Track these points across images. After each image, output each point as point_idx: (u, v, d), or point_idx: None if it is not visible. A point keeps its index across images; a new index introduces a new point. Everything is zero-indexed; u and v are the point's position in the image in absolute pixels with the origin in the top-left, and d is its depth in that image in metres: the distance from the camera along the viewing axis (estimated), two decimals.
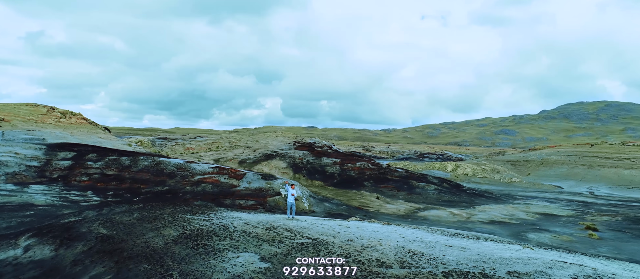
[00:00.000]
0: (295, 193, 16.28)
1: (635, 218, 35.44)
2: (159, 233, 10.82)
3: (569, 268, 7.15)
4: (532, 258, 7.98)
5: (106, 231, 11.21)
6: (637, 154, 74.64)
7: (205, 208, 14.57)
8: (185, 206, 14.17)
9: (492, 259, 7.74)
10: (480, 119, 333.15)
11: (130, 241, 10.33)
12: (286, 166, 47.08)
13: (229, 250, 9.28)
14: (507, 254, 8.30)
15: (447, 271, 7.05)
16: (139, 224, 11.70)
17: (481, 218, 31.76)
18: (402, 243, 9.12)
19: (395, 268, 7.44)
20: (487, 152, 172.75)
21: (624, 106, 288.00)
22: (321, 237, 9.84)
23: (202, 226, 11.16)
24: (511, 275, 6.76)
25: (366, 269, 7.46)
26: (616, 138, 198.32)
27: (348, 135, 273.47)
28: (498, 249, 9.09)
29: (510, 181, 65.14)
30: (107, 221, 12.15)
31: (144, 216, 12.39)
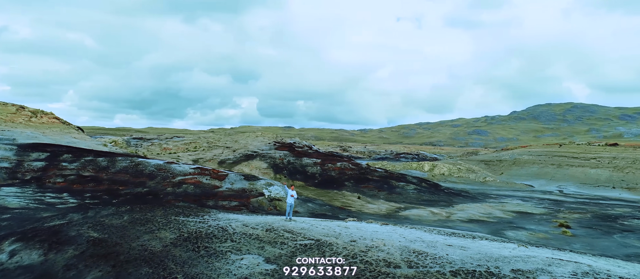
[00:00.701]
0: (295, 195, 16.48)
1: (603, 215, 37.16)
2: (154, 235, 10.64)
3: (566, 265, 7.53)
4: (530, 256, 8.35)
5: (97, 235, 10.93)
6: (602, 154, 78.18)
7: (197, 210, 14.40)
8: (176, 208, 13.96)
9: (494, 258, 8.05)
10: (453, 120, 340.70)
11: (125, 245, 10.11)
12: (267, 166, 46.89)
13: (232, 252, 9.23)
14: (506, 253, 8.65)
15: (454, 270, 7.28)
16: (131, 227, 11.46)
17: (460, 217, 32.56)
18: (405, 243, 9.31)
19: (403, 268, 7.61)
20: (460, 152, 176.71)
21: (588, 107, 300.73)
22: (323, 238, 9.92)
23: (200, 228, 11.04)
24: (515, 273, 7.06)
25: (375, 269, 7.59)
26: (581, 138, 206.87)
27: (325, 135, 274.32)
28: (496, 248, 9.43)
29: (485, 180, 66.98)
30: (96, 224, 11.84)
31: (135, 219, 12.14)
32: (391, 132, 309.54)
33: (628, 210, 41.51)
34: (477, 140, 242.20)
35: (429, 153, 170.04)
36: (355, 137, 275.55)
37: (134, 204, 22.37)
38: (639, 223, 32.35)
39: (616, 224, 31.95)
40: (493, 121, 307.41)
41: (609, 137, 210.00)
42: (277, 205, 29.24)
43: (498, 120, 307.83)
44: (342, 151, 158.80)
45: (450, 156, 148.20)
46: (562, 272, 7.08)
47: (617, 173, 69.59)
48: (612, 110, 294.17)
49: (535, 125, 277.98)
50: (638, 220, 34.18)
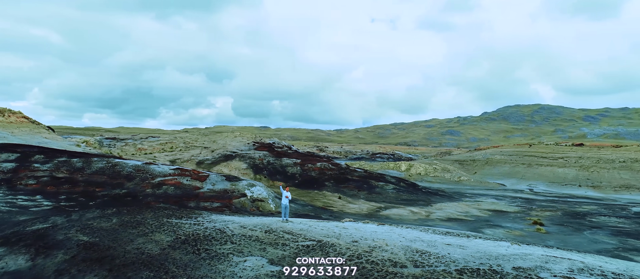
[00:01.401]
0: (290, 196, 16.55)
1: (572, 212, 38.84)
2: (149, 238, 10.45)
3: (562, 262, 7.92)
4: (526, 254, 8.72)
5: (87, 238, 10.63)
6: (569, 154, 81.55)
7: (189, 212, 14.19)
8: (167, 211, 13.71)
9: (494, 256, 8.37)
10: (427, 120, 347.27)
11: (119, 248, 9.89)
12: (247, 167, 46.54)
13: (234, 254, 9.18)
14: (503, 251, 8.99)
15: (459, 269, 7.52)
16: (123, 230, 11.21)
17: (439, 215, 33.32)
18: (405, 242, 9.53)
19: (409, 268, 7.80)
20: (434, 152, 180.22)
21: (555, 109, 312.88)
22: (325, 239, 10.01)
23: (196, 230, 10.92)
24: (517, 270, 7.38)
25: (382, 269, 7.74)
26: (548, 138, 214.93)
27: (301, 135, 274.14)
28: (492, 246, 9.79)
29: (460, 179, 68.67)
30: (85, 228, 11.51)
31: (125, 222, 11.87)
32: (367, 132, 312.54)
33: (594, 208, 43.51)
34: (450, 140, 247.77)
35: (404, 153, 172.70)
36: (331, 137, 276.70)
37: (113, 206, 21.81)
38: (606, 220, 33.99)
39: (585, 221, 33.46)
40: (465, 122, 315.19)
41: (574, 137, 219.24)
42: (260, 206, 29.11)
43: (470, 121, 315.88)
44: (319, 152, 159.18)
45: (425, 156, 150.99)
46: (560, 269, 7.46)
47: (583, 172, 72.77)
48: (576, 111, 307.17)
49: (505, 125, 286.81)
50: (604, 217, 35.91)
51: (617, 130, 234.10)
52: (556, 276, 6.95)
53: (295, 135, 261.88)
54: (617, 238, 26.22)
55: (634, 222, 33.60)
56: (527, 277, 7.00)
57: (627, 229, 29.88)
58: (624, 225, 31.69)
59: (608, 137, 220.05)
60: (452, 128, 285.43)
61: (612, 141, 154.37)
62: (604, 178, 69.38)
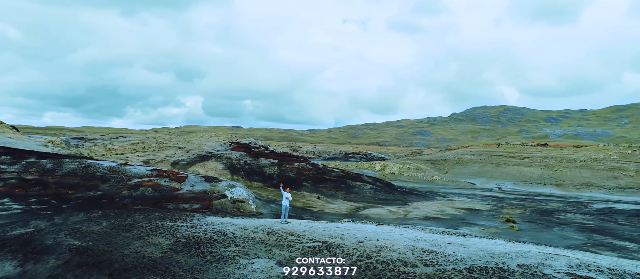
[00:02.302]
0: (290, 197, 16.61)
1: (540, 210, 40.63)
2: (146, 242, 10.23)
3: (560, 258, 8.40)
4: (525, 252, 9.17)
5: (79, 243, 10.29)
6: (534, 153, 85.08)
7: (181, 214, 13.94)
8: (157, 213, 13.43)
9: (497, 254, 8.74)
10: (398, 120, 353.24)
11: (116, 252, 9.63)
12: (223, 167, 45.99)
13: (240, 257, 9.13)
14: (502, 249, 9.41)
15: (468, 268, 7.82)
16: (116, 233, 10.91)
17: (417, 214, 34.09)
18: (409, 242, 9.77)
19: (420, 267, 8.03)
20: (406, 152, 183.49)
21: (519, 110, 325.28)
22: (330, 240, 10.11)
23: (196, 233, 10.77)
24: (522, 268, 7.76)
25: (394, 269, 7.93)
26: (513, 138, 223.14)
27: (274, 135, 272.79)
28: (491, 245, 10.22)
29: (433, 179, 70.34)
30: (74, 232, 11.13)
31: (116, 225, 11.55)
32: (339, 132, 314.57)
33: (560, 205, 45.64)
34: (421, 140, 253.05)
35: (377, 153, 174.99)
36: (304, 137, 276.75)
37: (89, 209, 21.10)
38: (572, 217, 35.77)
39: (553, 218, 35.09)
40: (435, 122, 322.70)
41: (537, 137, 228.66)
42: (240, 207, 28.88)
43: (440, 121, 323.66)
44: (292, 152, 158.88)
45: (397, 156, 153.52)
46: (560, 265, 7.92)
47: (548, 171, 76.12)
48: (539, 112, 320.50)
49: (473, 126, 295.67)
50: (570, 214, 37.77)
51: (576, 131, 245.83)
52: (559, 273, 7.41)
53: (268, 135, 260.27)
54: (584, 234, 27.68)
55: (597, 219, 35.53)
56: (533, 274, 7.42)
57: (592, 225, 31.58)
58: (589, 222, 33.46)
59: (568, 137, 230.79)
60: (422, 129, 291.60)
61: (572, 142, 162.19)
62: (566, 176, 72.84)
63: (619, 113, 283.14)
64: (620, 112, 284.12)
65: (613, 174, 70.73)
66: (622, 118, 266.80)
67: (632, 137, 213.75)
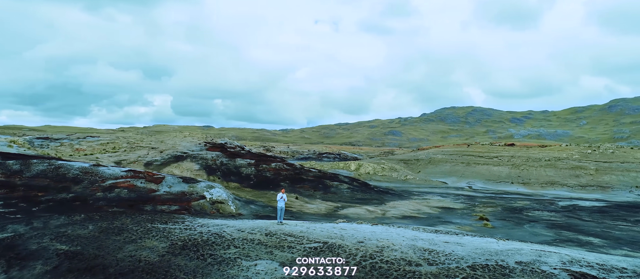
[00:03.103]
0: (286, 199, 16.71)
1: (510, 208, 42.22)
2: (140, 245, 9.98)
3: (553, 255, 8.85)
4: (519, 249, 9.59)
5: (67, 247, 9.92)
6: (502, 153, 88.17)
7: (168, 216, 13.65)
8: (144, 216, 13.09)
9: (494, 252, 9.10)
10: (370, 120, 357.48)
11: (108, 256, 9.34)
12: (199, 168, 45.23)
13: (241, 259, 9.06)
14: (497, 247, 9.79)
15: (470, 265, 8.11)
16: (105, 237, 10.58)
17: (394, 213, 34.70)
18: (409, 241, 10.00)
19: (424, 266, 8.24)
20: (378, 152, 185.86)
21: (486, 111, 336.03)
22: (330, 240, 10.19)
23: (191, 235, 10.59)
24: (520, 265, 8.12)
25: (399, 268, 8.10)
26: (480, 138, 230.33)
27: (246, 135, 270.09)
28: (485, 243, 10.60)
29: (406, 178, 71.68)
30: (59, 236, 10.71)
31: (104, 228, 11.20)
32: (312, 132, 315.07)
33: (528, 203, 47.56)
34: (393, 140, 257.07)
35: (350, 153, 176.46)
36: (277, 137, 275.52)
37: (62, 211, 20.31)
38: (540, 214, 37.38)
39: (523, 215, 36.56)
40: (406, 122, 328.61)
41: (503, 137, 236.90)
42: (219, 208, 28.55)
43: (410, 122, 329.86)
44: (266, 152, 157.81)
45: (369, 156, 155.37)
46: (554, 261, 8.37)
47: (515, 170, 79.08)
48: (504, 113, 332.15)
49: (442, 126, 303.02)
50: (538, 212, 39.46)
51: (539, 131, 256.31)
52: (556, 269, 7.83)
53: (240, 135, 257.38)
54: (553, 230, 29.02)
55: (563, 215, 37.29)
56: (533, 271, 7.81)
57: (559, 222, 33.12)
58: (556, 218, 35.08)
59: (531, 138, 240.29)
60: (394, 129, 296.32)
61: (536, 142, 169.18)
62: (532, 175, 75.92)
63: (577, 114, 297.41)
64: (578, 113, 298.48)
65: (575, 173, 74.29)
66: (581, 119, 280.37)
67: (589, 137, 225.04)
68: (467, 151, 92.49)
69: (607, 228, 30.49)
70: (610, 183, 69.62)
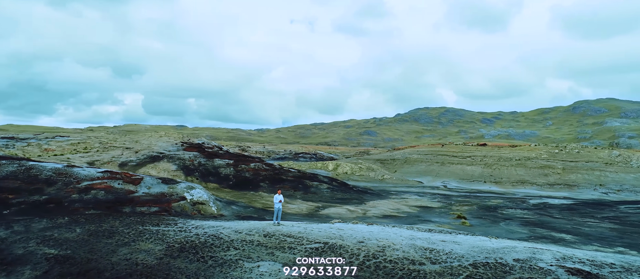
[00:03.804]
0: (283, 200, 16.78)
1: (485, 206, 43.47)
2: (134, 248, 9.71)
3: (546, 252, 9.21)
4: (513, 247, 9.92)
5: (56, 251, 9.55)
6: (475, 153, 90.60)
7: (158, 218, 13.33)
8: (133, 218, 12.74)
9: (490, 250, 9.38)
10: (346, 120, 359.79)
11: (102, 260, 9.05)
12: (176, 168, 44.37)
13: (243, 260, 8.96)
14: (491, 245, 10.10)
15: (472, 263, 8.33)
16: (96, 240, 10.24)
17: (375, 213, 35.12)
18: (408, 240, 10.16)
19: (428, 265, 8.40)
20: (354, 151, 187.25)
21: (458, 111, 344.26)
22: (330, 240, 10.21)
23: (187, 237, 10.38)
24: (518, 262, 8.42)
25: (404, 267, 8.22)
26: (453, 138, 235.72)
27: (221, 134, 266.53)
28: (480, 241, 10.91)
29: (383, 178, 72.60)
30: (46, 240, 10.29)
31: (93, 231, 10.83)
32: (288, 132, 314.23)
33: (501, 201, 49.10)
34: (368, 140, 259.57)
35: (326, 153, 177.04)
36: (252, 137, 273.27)
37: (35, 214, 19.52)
38: (513, 212, 38.67)
39: (497, 214, 37.73)
40: (381, 123, 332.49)
41: (474, 138, 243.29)
42: (201, 209, 28.13)
43: (385, 122, 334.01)
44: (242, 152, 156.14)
45: (345, 155, 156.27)
46: (548, 258, 8.72)
47: (487, 169, 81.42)
48: (475, 114, 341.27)
49: (416, 126, 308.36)
50: (511, 210, 40.81)
51: (508, 132, 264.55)
52: (553, 265, 8.19)
53: (215, 135, 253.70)
54: (527, 227, 30.10)
55: (535, 213, 38.72)
56: (531, 268, 8.13)
57: (532, 219, 34.38)
58: (529, 216, 36.38)
59: (501, 138, 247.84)
60: (369, 129, 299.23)
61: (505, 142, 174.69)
62: (504, 174, 78.39)
63: (544, 115, 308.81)
64: (545, 114, 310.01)
65: (543, 172, 77.19)
66: (547, 120, 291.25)
67: (555, 137, 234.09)
68: (441, 151, 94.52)
69: (577, 225, 31.88)
70: (576, 181, 72.74)
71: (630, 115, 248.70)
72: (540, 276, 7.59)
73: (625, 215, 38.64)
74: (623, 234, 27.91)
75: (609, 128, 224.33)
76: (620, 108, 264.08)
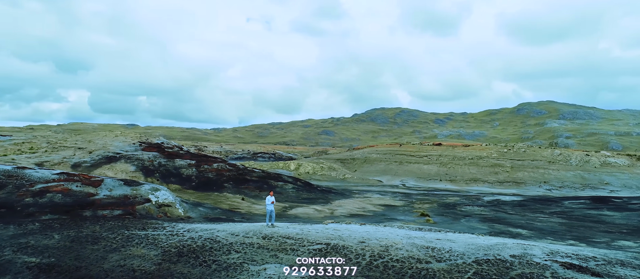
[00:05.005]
0: (274, 201, 16.68)
1: (444, 204, 45.32)
2: (126, 254, 9.23)
3: (534, 248, 9.81)
4: (503, 243, 10.47)
5: (38, 259, 8.89)
6: (431, 152, 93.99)
7: (145, 221, 12.73)
8: (113, 222, 12.10)
9: (486, 247, 9.85)
10: (304, 120, 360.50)
11: (93, 268, 8.54)
12: (135, 169, 42.56)
13: (247, 263, 8.77)
14: (485, 242, 10.60)
15: (474, 261, 8.69)
16: (80, 246, 9.63)
17: (342, 212, 35.60)
18: (407, 239, 10.41)
19: (434, 263, 8.65)
20: (312, 151, 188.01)
21: (413, 112, 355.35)
22: (331, 241, 10.24)
23: (182, 241, 9.99)
24: (515, 258, 8.91)
25: (413, 266, 8.41)
26: (408, 138, 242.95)
27: (176, 134, 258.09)
28: (472, 239, 11.38)
29: (345, 177, 73.58)
30: (23, 247, 9.54)
31: (73, 237, 10.17)
32: (246, 132, 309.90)
33: (458, 199, 51.36)
34: (326, 140, 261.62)
35: (285, 153, 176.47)
36: (209, 136, 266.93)
37: None
38: (471, 209, 40.63)
39: (457, 211, 39.47)
40: (339, 122, 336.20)
41: (428, 137, 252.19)
42: (167, 211, 27.21)
43: (343, 122, 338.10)
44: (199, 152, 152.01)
45: (304, 155, 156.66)
46: (539, 253, 9.32)
47: (443, 168, 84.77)
48: (429, 115, 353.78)
49: (373, 126, 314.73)
50: (469, 207, 42.85)
51: (459, 132, 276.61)
52: (547, 260, 8.79)
53: (169, 134, 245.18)
54: (486, 224, 31.77)
55: (491, 210, 40.91)
56: (529, 262, 8.68)
57: (489, 216, 36.30)
58: (486, 213, 38.38)
59: (453, 138, 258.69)
60: (327, 129, 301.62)
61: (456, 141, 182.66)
62: (458, 173, 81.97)
63: (491, 116, 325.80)
64: (492, 115, 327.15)
65: (494, 170, 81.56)
66: (494, 121, 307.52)
67: (502, 137, 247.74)
68: (399, 151, 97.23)
69: (529, 220, 34.06)
70: (524, 179, 77.53)
71: (567, 116, 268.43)
72: (540, 271, 8.18)
73: (570, 210, 41.77)
74: (571, 228, 30.20)
75: (549, 128, 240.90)
76: (559, 110, 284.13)
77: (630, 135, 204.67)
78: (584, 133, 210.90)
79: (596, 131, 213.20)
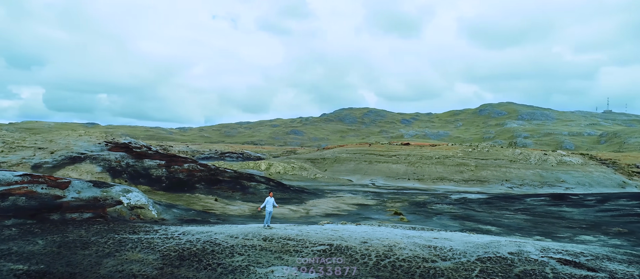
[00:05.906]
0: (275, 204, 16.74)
1: (415, 202, 46.45)
2: (122, 259, 8.88)
3: (527, 245, 10.28)
4: (499, 241, 10.89)
5: (25, 267, 8.41)
6: (399, 152, 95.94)
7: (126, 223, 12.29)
8: (99, 225, 11.60)
9: (484, 245, 10.20)
10: (272, 120, 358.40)
11: (89, 274, 8.16)
12: (102, 170, 40.96)
13: (253, 266, 8.64)
14: (479, 241, 10.96)
15: (476, 259, 8.98)
16: (70, 252, 9.18)
17: (317, 212, 35.78)
18: (407, 239, 10.59)
19: (439, 262, 8.87)
20: (280, 151, 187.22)
21: (380, 112, 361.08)
22: (334, 242, 10.25)
23: (180, 244, 9.71)
24: (514, 255, 9.29)
25: (420, 265, 8.57)
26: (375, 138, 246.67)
27: (139, 133, 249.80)
28: (466, 237, 11.75)
29: (316, 177, 73.85)
30: (6, 255, 8.96)
31: (60, 243, 9.68)
32: (212, 131, 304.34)
33: (427, 197, 52.76)
34: (295, 139, 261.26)
35: (253, 152, 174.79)
36: (174, 136, 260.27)
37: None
38: (441, 207, 41.89)
39: (428, 209, 40.58)
40: (307, 122, 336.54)
41: (395, 137, 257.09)
42: (140, 214, 26.40)
43: (311, 122, 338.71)
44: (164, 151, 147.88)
45: (273, 155, 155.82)
46: (533, 250, 9.79)
47: (411, 167, 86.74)
48: (395, 115, 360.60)
49: (341, 126, 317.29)
50: (439, 205, 44.14)
51: (425, 132, 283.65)
52: (544, 257, 9.25)
53: (132, 133, 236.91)
54: (457, 221, 32.87)
55: (460, 207, 42.34)
56: (527, 259, 9.11)
57: (459, 213, 37.56)
58: (455, 210, 39.69)
59: (419, 137, 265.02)
60: (295, 128, 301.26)
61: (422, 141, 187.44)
62: (425, 172, 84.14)
63: (455, 117, 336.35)
64: (456, 116, 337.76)
65: (459, 169, 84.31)
66: (458, 121, 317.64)
67: (465, 137, 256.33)
68: (368, 150, 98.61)
69: (497, 217, 35.54)
70: (487, 177, 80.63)
71: (525, 117, 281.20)
72: (540, 268, 8.66)
73: (532, 206, 43.90)
74: (536, 225, 31.79)
75: (509, 129, 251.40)
76: (518, 111, 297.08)
77: (582, 135, 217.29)
78: (541, 133, 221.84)
79: (551, 131, 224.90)
